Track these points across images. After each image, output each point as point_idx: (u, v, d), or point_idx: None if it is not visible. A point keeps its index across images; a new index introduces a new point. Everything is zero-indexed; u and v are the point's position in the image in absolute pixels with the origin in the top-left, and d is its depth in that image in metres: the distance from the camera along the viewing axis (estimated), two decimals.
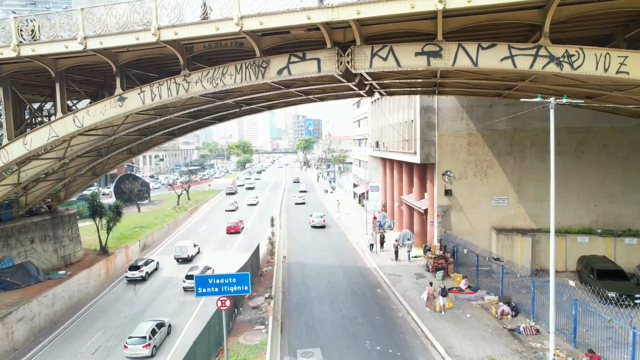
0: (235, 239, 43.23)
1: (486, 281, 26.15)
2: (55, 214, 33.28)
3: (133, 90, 19.41)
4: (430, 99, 30.51)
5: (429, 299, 22.75)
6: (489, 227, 30.15)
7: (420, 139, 30.68)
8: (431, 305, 22.61)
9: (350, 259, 34.43)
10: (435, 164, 30.75)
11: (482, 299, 23.76)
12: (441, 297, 22.45)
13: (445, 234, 30.50)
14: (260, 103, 24.46)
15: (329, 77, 20.32)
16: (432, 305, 22.58)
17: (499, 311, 21.37)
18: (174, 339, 21.22)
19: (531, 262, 27.21)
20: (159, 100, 19.16)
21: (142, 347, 19.20)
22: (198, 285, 14.16)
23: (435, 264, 28.34)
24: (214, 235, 45.18)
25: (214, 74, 18.24)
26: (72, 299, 27.72)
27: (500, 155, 29.71)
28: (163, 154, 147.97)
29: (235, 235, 44.74)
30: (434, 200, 31.35)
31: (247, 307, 23.26)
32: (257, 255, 30.28)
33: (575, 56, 14.28)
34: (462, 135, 30.01)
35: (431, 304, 22.62)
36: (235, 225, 45.72)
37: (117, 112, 19.82)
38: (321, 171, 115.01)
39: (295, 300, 25.20)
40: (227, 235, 44.90)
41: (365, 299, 25.08)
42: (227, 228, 45.71)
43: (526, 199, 29.38)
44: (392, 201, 45.05)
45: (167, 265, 34.43)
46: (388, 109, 40.60)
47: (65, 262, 33.86)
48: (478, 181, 30.15)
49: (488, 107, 29.53)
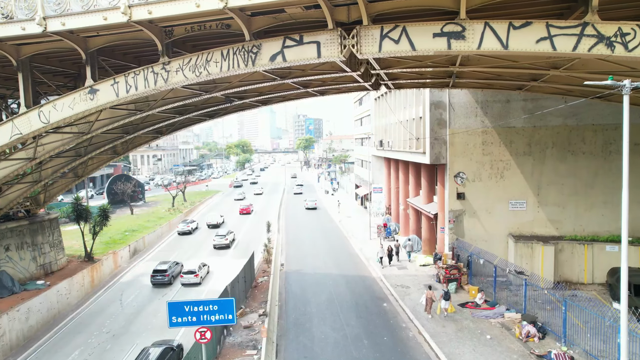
0: (247, 218, 54.49)
1: (504, 295, 23.61)
2: (34, 219, 30.78)
3: (105, 81, 16.91)
4: (440, 94, 27.94)
5: (428, 303, 21.80)
6: (505, 233, 27.57)
7: (430, 138, 28.09)
8: (430, 310, 21.73)
9: (353, 267, 31.89)
10: (446, 165, 28.19)
11: (502, 316, 21.19)
12: (444, 300, 21.54)
13: (457, 241, 27.94)
14: (253, 97, 21.92)
15: (330, 66, 17.80)
16: (430, 310, 21.72)
17: (523, 332, 18.79)
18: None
19: (553, 274, 24.62)
20: (135, 92, 16.67)
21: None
22: (172, 313, 11.61)
23: (447, 274, 25.78)
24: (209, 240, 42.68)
25: (197, 61, 15.72)
26: (51, 312, 25.31)
27: (518, 155, 27.12)
28: (161, 153, 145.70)
29: (246, 215, 56.28)
30: (444, 204, 28.79)
31: (239, 327, 20.68)
32: (251, 265, 27.74)
33: (631, 35, 11.73)
34: (476, 133, 27.42)
35: (430, 308, 21.72)
36: (246, 208, 57.69)
37: (88, 106, 17.33)
38: (322, 171, 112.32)
39: (293, 316, 22.67)
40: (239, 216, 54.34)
41: (371, 315, 22.54)
42: (240, 210, 57.40)
43: (547, 203, 26.78)
44: (397, 204, 42.50)
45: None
46: (394, 105, 38.02)
47: (45, 270, 31.37)
48: (493, 184, 27.57)
49: (505, 103, 26.94)
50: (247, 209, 57.14)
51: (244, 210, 56.86)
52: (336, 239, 41.67)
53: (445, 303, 21.47)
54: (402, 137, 35.27)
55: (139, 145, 28.68)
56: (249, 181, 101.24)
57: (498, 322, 20.74)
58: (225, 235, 39.22)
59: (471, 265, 25.97)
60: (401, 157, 36.76)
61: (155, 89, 16.54)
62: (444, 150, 28.12)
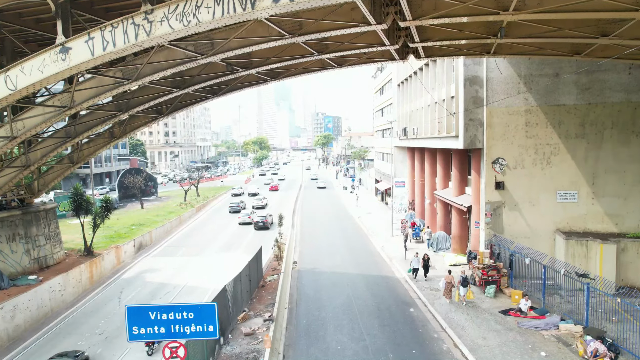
0: (274, 194, 69.24)
1: (554, 301, 19.88)
2: (28, 209, 28.46)
3: (79, 37, 14.07)
4: (476, 68, 24.25)
5: (447, 288, 20.93)
6: (552, 229, 23.71)
7: (464, 119, 24.43)
8: (449, 296, 20.95)
9: (374, 267, 28.47)
10: (482, 150, 24.50)
11: (557, 328, 17.47)
12: (462, 287, 20.49)
13: (495, 238, 24.23)
14: (258, 65, 18.81)
15: (350, 17, 14.50)
16: (449, 295, 20.92)
17: (588, 350, 15.07)
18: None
19: (615, 277, 20.64)
20: (113, 49, 13.76)
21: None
22: (132, 322, 8.48)
23: (484, 275, 22.15)
24: (221, 235, 39.95)
25: (186, 7, 12.64)
26: (42, 310, 22.90)
27: (569, 138, 23.21)
28: (179, 150, 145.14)
29: (274, 192, 71.85)
30: (480, 196, 25.10)
31: (239, 334, 17.53)
32: (258, 261, 24.63)
33: None
34: (519, 112, 23.64)
35: (449, 293, 20.89)
36: (275, 185, 75.77)
37: (60, 67, 14.54)
38: (340, 168, 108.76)
39: (304, 322, 19.44)
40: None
41: (396, 323, 19.13)
42: (270, 187, 74.43)
43: (604, 194, 22.81)
44: (421, 198, 38.80)
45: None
46: (420, 88, 34.38)
47: (39, 264, 29.02)
48: (538, 171, 23.74)
49: (553, 77, 23.08)
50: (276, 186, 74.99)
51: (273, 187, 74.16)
52: (355, 236, 38.30)
53: (464, 290, 20.41)
54: (429, 122, 31.62)
55: (138, 128, 25.98)
56: (271, 172, 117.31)
57: (552, 335, 17.03)
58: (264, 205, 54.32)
59: (513, 266, 22.24)
60: (428, 145, 33.10)
61: (137, 44, 13.58)
62: (480, 133, 24.43)
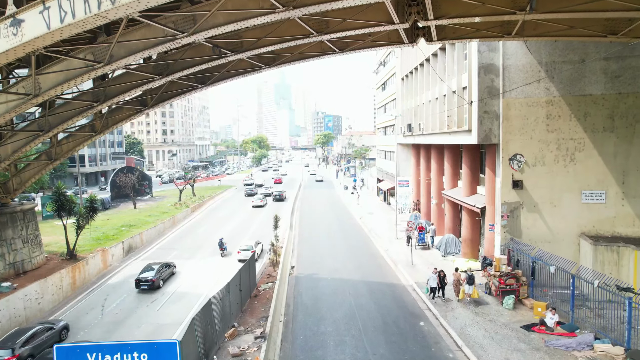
0: (278, 186, 75.51)
1: (583, 315, 17.64)
2: (3, 210, 26.20)
3: (33, 7, 11.92)
4: (492, 55, 22.00)
5: (454, 286, 20.46)
6: (576, 233, 21.47)
7: (479, 111, 22.18)
8: (456, 293, 20.27)
9: (378, 272, 26.23)
10: (498, 145, 22.25)
11: (591, 348, 15.22)
12: (467, 284, 19.93)
13: (512, 242, 21.99)
14: (249, 49, 16.56)
15: None
16: (458, 293, 20.13)
17: None
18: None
19: None
20: (72, 20, 11.59)
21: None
22: None
23: (501, 284, 19.88)
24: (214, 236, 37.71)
25: None
26: (15, 320, 20.87)
27: (596, 132, 20.97)
28: (177, 149, 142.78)
29: (278, 184, 79.05)
30: (495, 196, 22.85)
31: (225, 354, 15.28)
32: (250, 268, 22.37)
33: None
34: (539, 104, 21.39)
35: (458, 291, 20.14)
36: (279, 179, 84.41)
37: (12, 43, 12.41)
38: (340, 167, 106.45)
39: (301, 338, 17.20)
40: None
41: (405, 340, 16.88)
42: (274, 180, 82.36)
43: (635, 194, 20.57)
44: (427, 198, 36.56)
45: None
46: (427, 80, 32.11)
47: (16, 270, 26.76)
48: (561, 169, 21.50)
49: (578, 64, 20.82)
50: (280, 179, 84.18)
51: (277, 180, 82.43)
52: (357, 238, 36.05)
53: (469, 287, 19.84)
54: (437, 116, 29.35)
55: (121, 121, 23.73)
56: (273, 169, 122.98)
57: (587, 357, 14.78)
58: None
59: (534, 274, 19.99)
60: (435, 141, 30.84)
61: (100, 14, 11.38)
62: (496, 126, 22.18)
